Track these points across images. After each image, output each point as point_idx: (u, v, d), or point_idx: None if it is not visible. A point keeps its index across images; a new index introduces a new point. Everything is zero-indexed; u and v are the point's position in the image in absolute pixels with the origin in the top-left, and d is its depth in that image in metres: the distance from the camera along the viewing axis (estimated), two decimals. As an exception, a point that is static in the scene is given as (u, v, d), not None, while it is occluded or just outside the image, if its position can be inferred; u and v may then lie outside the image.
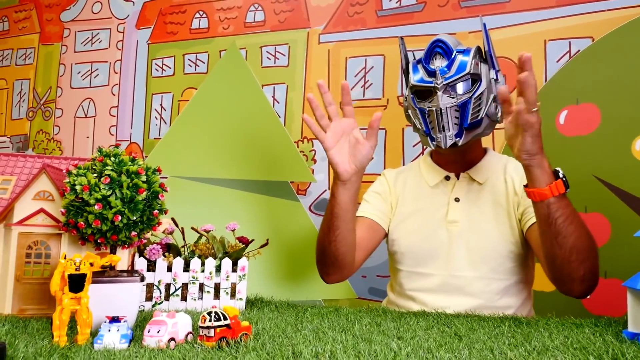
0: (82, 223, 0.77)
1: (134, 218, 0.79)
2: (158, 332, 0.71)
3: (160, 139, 2.06)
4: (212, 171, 1.77)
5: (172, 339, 0.71)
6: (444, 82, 1.15)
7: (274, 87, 2.06)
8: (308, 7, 2.05)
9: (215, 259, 1.02)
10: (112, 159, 0.81)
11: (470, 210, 1.22)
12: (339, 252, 1.19)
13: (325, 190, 1.96)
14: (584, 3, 1.74)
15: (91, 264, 0.74)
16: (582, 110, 1.63)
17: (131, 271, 0.88)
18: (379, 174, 1.49)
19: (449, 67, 1.17)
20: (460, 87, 1.17)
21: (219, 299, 1.01)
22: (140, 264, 0.97)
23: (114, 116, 2.24)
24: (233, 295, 1.02)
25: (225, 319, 0.72)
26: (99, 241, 0.80)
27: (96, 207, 0.76)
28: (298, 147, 1.97)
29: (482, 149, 1.31)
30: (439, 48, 1.19)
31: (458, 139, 1.16)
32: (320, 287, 1.71)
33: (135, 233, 0.81)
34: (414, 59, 1.28)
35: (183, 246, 1.05)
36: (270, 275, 1.67)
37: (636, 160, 1.52)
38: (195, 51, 2.17)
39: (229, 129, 1.84)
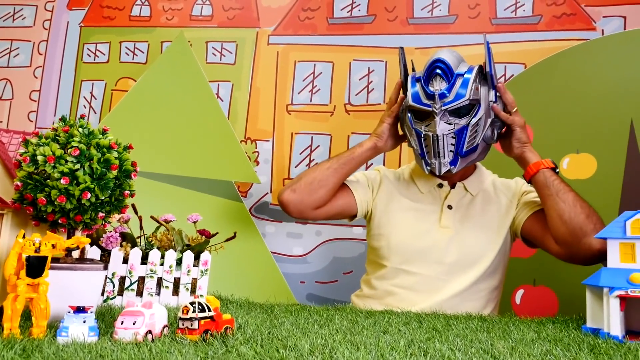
0: (43, 199, 0.67)
1: (102, 197, 0.71)
2: (134, 323, 0.63)
3: (88, 129, 1.90)
4: (152, 165, 1.65)
5: (149, 331, 0.64)
6: (442, 108, 1.13)
7: (218, 84, 1.99)
8: (259, 6, 2.02)
9: (175, 251, 0.94)
10: (80, 129, 0.72)
11: (462, 218, 1.26)
12: (329, 181, 1.27)
13: (267, 193, 1.91)
14: (518, 32, 1.88)
15: (53, 246, 0.65)
16: (517, 129, 1.74)
17: (88, 259, 0.79)
18: None
19: (448, 90, 1.13)
20: (458, 113, 1.15)
21: (177, 295, 0.93)
22: (94, 253, 0.86)
23: (35, 101, 2.03)
24: (193, 291, 0.95)
25: (209, 310, 0.66)
26: (59, 221, 0.70)
27: (62, 181, 0.67)
28: (241, 147, 1.91)
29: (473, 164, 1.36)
30: (439, 69, 1.15)
31: (452, 166, 1.16)
32: (258, 291, 1.65)
33: (103, 214, 0.72)
34: (413, 70, 1.28)
35: (139, 237, 0.96)
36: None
37: (564, 177, 1.66)
38: (134, 39, 2.03)
39: (171, 122, 1.74)
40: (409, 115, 1.21)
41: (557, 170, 1.18)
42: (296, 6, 2.00)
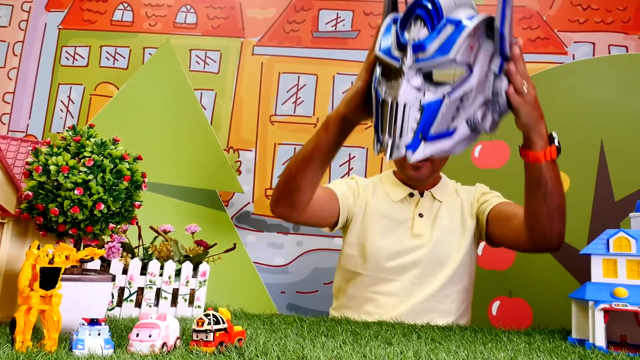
0: (55, 209, 0.66)
1: (114, 208, 0.70)
2: (150, 336, 0.63)
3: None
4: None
5: (164, 344, 0.64)
6: (414, 65, 0.77)
7: (201, 93, 1.98)
8: (244, 17, 2.03)
9: (173, 262, 0.94)
10: (91, 139, 0.71)
11: (433, 225, 1.32)
12: (302, 184, 1.13)
13: (249, 202, 1.92)
14: (495, 53, 1.96)
15: (66, 257, 0.64)
16: (494, 146, 1.82)
17: (93, 270, 0.78)
18: None
19: (429, 41, 0.76)
20: (436, 77, 0.78)
21: (175, 306, 0.93)
22: (93, 263, 0.85)
23: (8, 103, 1.96)
24: (191, 302, 0.94)
25: (223, 322, 0.67)
26: (70, 232, 0.69)
27: (76, 191, 0.66)
28: (224, 157, 1.91)
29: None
30: (422, 9, 0.78)
31: (410, 151, 0.79)
32: (241, 301, 1.65)
33: (114, 225, 0.72)
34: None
35: (137, 247, 0.95)
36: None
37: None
38: (115, 44, 2.00)
39: (155, 130, 1.72)
40: (378, 69, 0.85)
41: (559, 153, 1.02)
42: (281, 18, 2.03)
